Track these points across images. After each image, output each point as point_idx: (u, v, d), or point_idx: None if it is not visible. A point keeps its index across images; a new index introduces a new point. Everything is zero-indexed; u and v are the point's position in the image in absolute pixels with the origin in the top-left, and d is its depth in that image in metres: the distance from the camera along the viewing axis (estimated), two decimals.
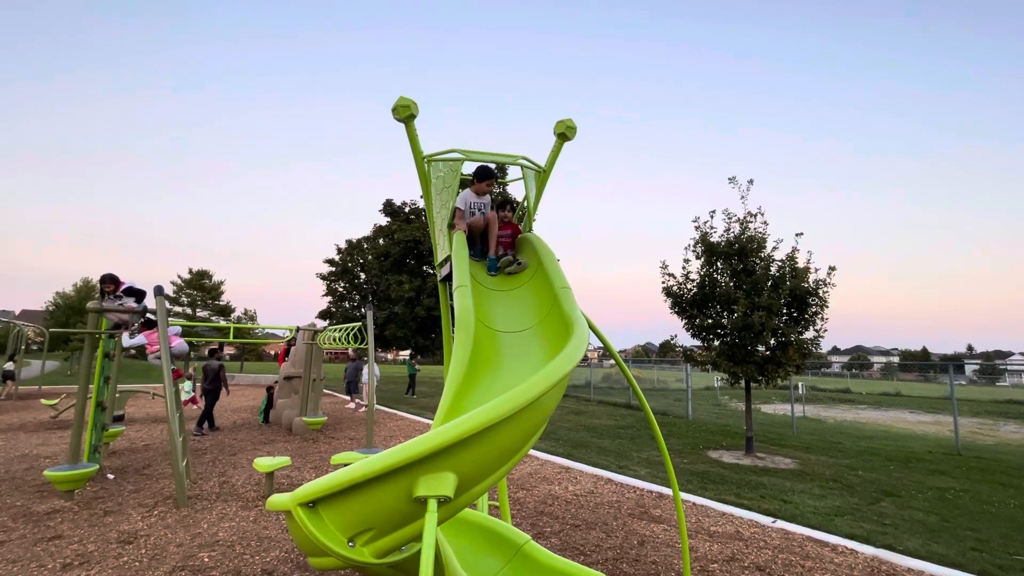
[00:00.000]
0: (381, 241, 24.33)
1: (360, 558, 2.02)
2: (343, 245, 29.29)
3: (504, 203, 4.05)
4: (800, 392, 22.27)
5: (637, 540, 4.75)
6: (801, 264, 8.67)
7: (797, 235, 8.93)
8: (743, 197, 9.04)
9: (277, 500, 2.21)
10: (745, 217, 9.00)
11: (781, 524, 5.25)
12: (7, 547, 4.31)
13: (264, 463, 5.88)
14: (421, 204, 23.77)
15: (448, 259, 4.12)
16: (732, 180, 9.05)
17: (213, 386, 10.65)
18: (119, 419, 9.60)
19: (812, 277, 8.58)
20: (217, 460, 7.75)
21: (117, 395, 8.32)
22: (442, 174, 4.28)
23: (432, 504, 1.88)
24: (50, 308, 49.27)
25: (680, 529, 3.26)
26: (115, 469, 6.97)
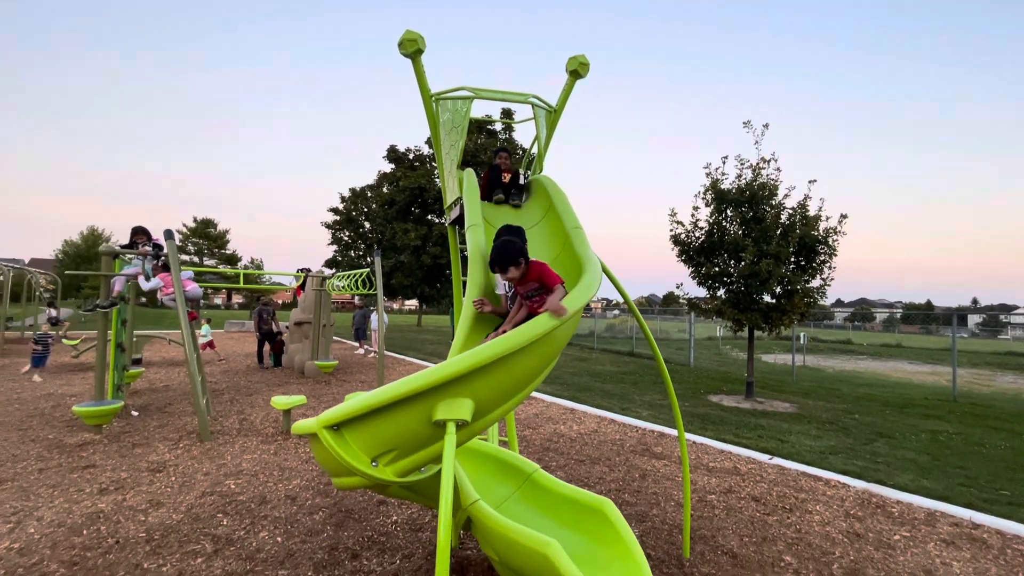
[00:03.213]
0: (385, 189, 24.04)
1: (384, 476, 2.16)
2: (347, 194, 29.00)
3: (504, 148, 4.17)
4: (802, 342, 22.56)
5: (639, 474, 4.99)
6: (812, 212, 8.56)
7: (810, 182, 8.77)
8: (757, 142, 8.81)
9: (303, 424, 2.33)
10: (758, 163, 8.80)
11: (777, 461, 5.48)
12: (46, 474, 4.58)
13: (281, 401, 6.12)
14: (426, 150, 23.27)
15: (457, 201, 4.11)
16: (747, 124, 8.79)
17: (269, 327, 12.30)
18: (137, 362, 9.93)
19: (822, 225, 8.49)
20: (235, 400, 8.06)
21: (134, 340, 8.56)
22: (451, 113, 4.20)
23: (451, 427, 1.98)
24: (59, 256, 49.69)
25: (682, 457, 3.41)
26: (138, 407, 7.27)
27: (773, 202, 8.66)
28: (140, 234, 6.45)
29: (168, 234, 6.27)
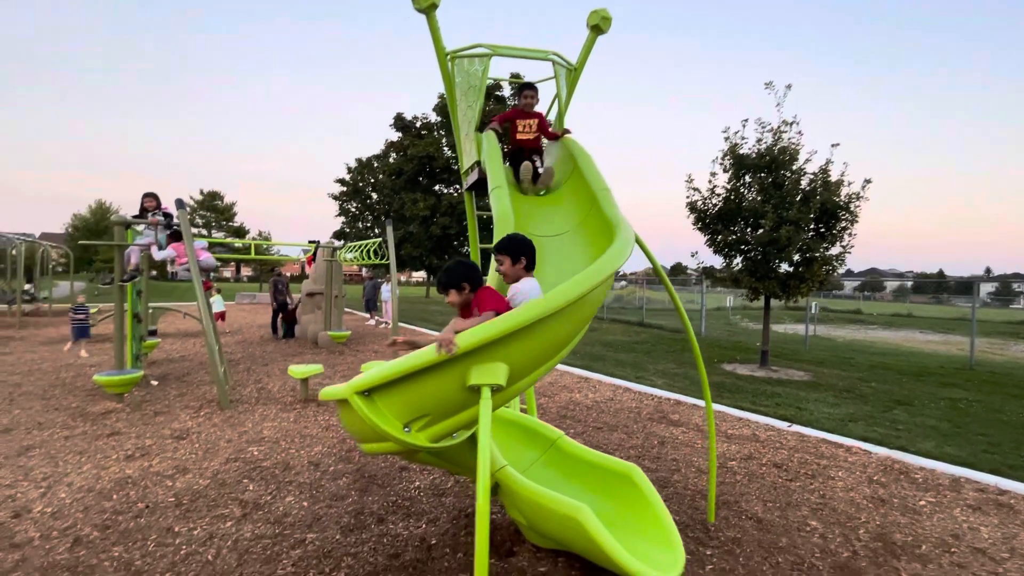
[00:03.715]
0: (392, 158, 23.68)
1: (416, 442, 2.12)
2: (353, 164, 28.66)
3: (530, 84, 3.78)
4: (813, 312, 22.43)
5: (657, 440, 4.99)
6: (834, 177, 8.31)
7: (833, 146, 8.48)
8: (779, 104, 8.49)
9: (332, 390, 2.29)
10: (779, 126, 8.51)
11: (796, 428, 5.45)
12: (72, 441, 4.65)
13: (298, 370, 6.15)
14: (433, 118, 22.78)
15: (475, 165, 3.98)
16: (769, 85, 8.46)
17: (284, 297, 12.31)
18: (152, 333, 10.02)
19: (844, 191, 8.25)
20: (251, 369, 8.13)
21: (150, 312, 8.60)
22: (467, 74, 4.02)
23: (486, 392, 1.93)
24: (69, 231, 49.96)
25: (708, 424, 3.38)
26: (157, 377, 7.35)
27: (794, 167, 8.40)
28: (151, 198, 6.35)
29: (179, 203, 6.19)
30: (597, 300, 2.34)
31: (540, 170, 3.52)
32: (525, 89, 3.75)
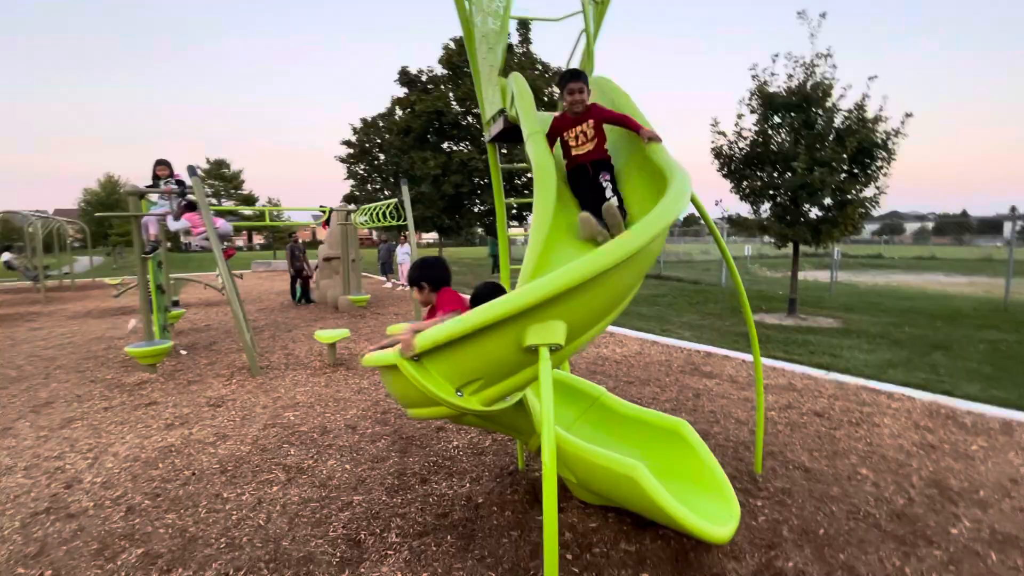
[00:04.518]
0: (398, 116, 22.97)
1: (469, 406, 2.04)
2: (358, 124, 27.94)
3: (574, 73, 2.81)
4: (835, 257, 21.97)
5: (692, 393, 4.92)
6: (871, 113, 7.82)
7: (870, 79, 7.94)
8: (812, 35, 7.91)
9: (378, 355, 2.20)
10: (812, 60, 7.96)
11: (834, 376, 5.34)
12: (112, 412, 4.72)
13: (325, 335, 6.14)
14: (439, 71, 21.89)
15: (500, 114, 3.73)
16: (801, 15, 7.85)
17: (301, 264, 12.26)
18: (175, 304, 10.10)
19: (882, 127, 7.78)
20: (276, 336, 8.17)
21: (171, 283, 8.62)
22: (486, 12, 3.72)
23: (544, 352, 1.82)
24: (82, 206, 50.20)
25: (756, 375, 3.26)
26: (185, 346, 7.42)
27: (827, 104, 7.92)
28: (163, 166, 6.20)
29: (191, 170, 6.03)
30: (655, 251, 2.18)
31: (609, 197, 2.56)
32: (569, 82, 2.71)
